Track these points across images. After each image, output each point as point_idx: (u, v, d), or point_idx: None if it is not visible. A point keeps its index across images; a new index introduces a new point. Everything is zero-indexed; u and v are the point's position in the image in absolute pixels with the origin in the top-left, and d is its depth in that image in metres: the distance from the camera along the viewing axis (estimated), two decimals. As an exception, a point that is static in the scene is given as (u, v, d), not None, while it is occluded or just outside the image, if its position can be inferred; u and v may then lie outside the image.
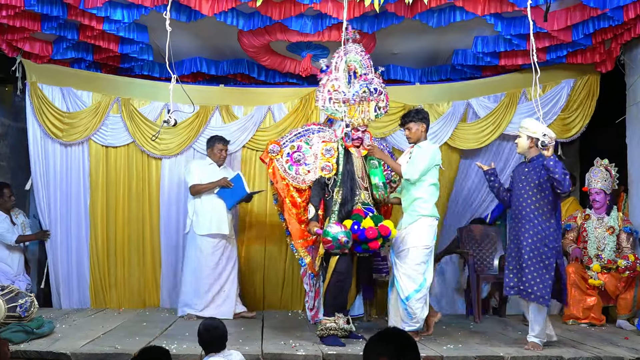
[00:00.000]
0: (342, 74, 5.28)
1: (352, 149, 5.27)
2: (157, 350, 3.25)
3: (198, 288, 6.17)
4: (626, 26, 5.88)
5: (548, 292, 4.74)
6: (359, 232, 4.86)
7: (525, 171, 4.94)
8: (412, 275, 5.08)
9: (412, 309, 5.05)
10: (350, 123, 5.22)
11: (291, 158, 5.39)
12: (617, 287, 5.93)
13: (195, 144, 6.84)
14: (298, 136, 5.48)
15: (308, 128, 5.53)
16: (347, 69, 5.29)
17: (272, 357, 4.49)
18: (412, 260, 5.10)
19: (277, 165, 5.38)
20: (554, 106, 6.77)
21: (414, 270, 5.09)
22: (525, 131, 4.91)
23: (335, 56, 5.35)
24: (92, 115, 6.73)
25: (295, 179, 5.35)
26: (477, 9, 5.67)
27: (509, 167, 6.80)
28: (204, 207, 6.22)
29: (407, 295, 5.05)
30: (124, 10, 5.80)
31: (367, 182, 5.26)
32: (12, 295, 4.84)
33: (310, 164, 5.35)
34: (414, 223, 5.15)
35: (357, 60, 5.32)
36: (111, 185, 6.82)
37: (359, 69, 5.30)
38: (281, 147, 5.42)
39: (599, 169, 6.12)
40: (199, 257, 6.20)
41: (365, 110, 5.23)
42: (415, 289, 5.06)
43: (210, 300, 6.17)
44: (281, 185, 5.36)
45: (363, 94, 5.18)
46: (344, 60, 5.29)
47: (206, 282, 6.16)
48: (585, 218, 6.19)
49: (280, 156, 5.40)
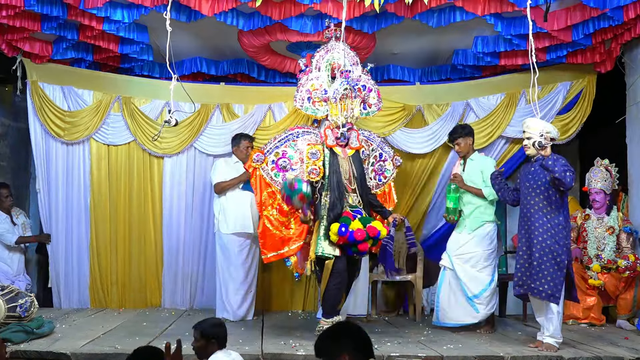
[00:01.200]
0: (323, 72, 5.25)
1: (337, 149, 5.19)
2: (151, 350, 3.23)
3: (227, 289, 6.13)
4: (626, 26, 5.87)
5: (559, 289, 4.73)
6: (348, 235, 4.83)
7: (531, 170, 4.94)
8: (479, 277, 5.59)
9: (481, 305, 5.54)
10: (334, 121, 5.17)
11: (277, 165, 5.33)
12: (617, 287, 5.92)
13: (196, 143, 6.84)
14: (282, 142, 5.39)
15: (292, 132, 5.42)
16: (329, 68, 5.26)
17: (272, 357, 4.50)
18: (479, 263, 5.61)
19: (262, 173, 5.32)
20: (551, 109, 6.77)
21: (480, 272, 5.60)
22: (527, 130, 4.92)
23: (316, 55, 5.33)
24: (93, 114, 6.73)
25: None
26: (477, 9, 5.67)
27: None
28: (229, 206, 6.18)
29: (476, 294, 5.55)
30: (124, 10, 5.80)
31: (354, 184, 5.17)
32: (12, 295, 4.84)
33: (296, 169, 5.30)
34: (478, 228, 5.65)
35: (339, 58, 5.25)
36: (112, 184, 6.82)
37: (341, 67, 5.22)
38: (265, 155, 5.35)
39: (599, 169, 6.12)
40: (227, 256, 6.15)
41: (348, 107, 5.17)
42: (482, 288, 5.57)
43: (240, 302, 6.13)
44: (264, 196, 5.31)
45: (344, 91, 5.12)
46: (325, 59, 5.26)
47: (234, 282, 6.12)
48: (585, 218, 6.19)
49: (265, 164, 5.34)
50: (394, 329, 5.74)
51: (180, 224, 6.84)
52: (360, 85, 5.24)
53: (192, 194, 6.87)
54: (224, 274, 6.17)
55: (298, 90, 5.23)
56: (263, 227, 5.30)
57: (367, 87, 5.25)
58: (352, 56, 5.38)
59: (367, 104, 5.33)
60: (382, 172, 5.63)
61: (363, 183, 5.23)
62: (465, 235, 5.69)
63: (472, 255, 5.62)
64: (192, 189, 6.88)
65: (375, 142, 5.69)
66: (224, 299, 6.15)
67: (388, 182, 5.67)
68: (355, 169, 5.20)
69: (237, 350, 3.89)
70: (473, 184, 5.69)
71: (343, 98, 5.15)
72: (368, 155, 5.51)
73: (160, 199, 6.86)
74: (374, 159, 5.62)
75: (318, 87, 5.18)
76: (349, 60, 5.30)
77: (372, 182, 5.58)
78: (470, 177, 5.72)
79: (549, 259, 4.74)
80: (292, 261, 5.34)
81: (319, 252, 4.98)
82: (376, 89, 5.35)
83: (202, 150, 6.85)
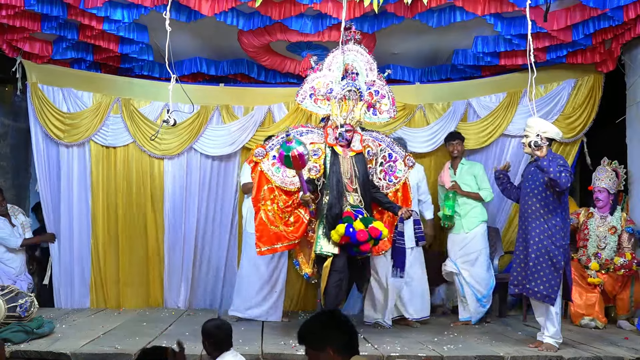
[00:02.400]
0: (334, 72, 5.25)
1: (338, 148, 5.19)
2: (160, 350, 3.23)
3: (248, 288, 6.03)
4: (626, 26, 5.87)
5: (555, 290, 4.73)
6: (351, 236, 4.84)
7: (531, 170, 4.96)
8: (485, 277, 5.96)
9: (487, 303, 5.97)
10: (333, 121, 5.17)
11: (278, 160, 5.28)
12: (614, 287, 5.92)
13: (195, 144, 6.84)
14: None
15: (295, 130, 5.39)
16: (342, 69, 5.26)
17: (272, 357, 4.50)
18: (481, 262, 5.98)
19: (263, 168, 5.30)
20: (555, 106, 6.76)
21: (484, 271, 5.98)
22: (526, 129, 4.93)
23: (330, 55, 5.33)
24: (92, 115, 6.73)
25: (283, 181, 5.28)
26: (477, 9, 5.67)
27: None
28: None
29: (484, 294, 5.94)
30: (124, 10, 5.80)
31: (356, 183, 5.17)
32: (12, 295, 4.84)
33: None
34: (476, 228, 6.01)
35: (355, 61, 5.30)
36: (112, 185, 6.82)
37: (354, 70, 5.25)
38: (267, 151, 5.33)
39: (605, 169, 6.13)
40: (252, 255, 5.89)
41: (349, 109, 5.18)
42: (489, 287, 5.99)
43: (260, 301, 6.02)
44: (264, 190, 5.25)
45: (346, 93, 5.13)
46: (337, 60, 5.26)
47: (258, 281, 6.01)
48: (588, 216, 6.18)
49: (266, 159, 5.32)
50: (394, 329, 5.74)
51: (181, 224, 6.83)
52: (373, 90, 5.23)
53: (192, 194, 6.86)
54: (246, 272, 6.07)
55: (301, 86, 5.24)
56: (260, 221, 5.25)
57: (379, 93, 5.23)
58: (368, 60, 5.38)
59: (378, 110, 5.32)
60: (392, 172, 5.53)
61: (365, 183, 5.21)
62: (464, 234, 5.97)
63: (478, 254, 5.98)
64: (192, 190, 6.87)
65: (385, 142, 5.58)
66: (242, 296, 6.04)
67: (401, 182, 5.53)
68: (358, 169, 5.18)
69: (237, 350, 3.88)
70: (468, 187, 6.03)
71: (345, 99, 5.15)
72: (374, 154, 5.46)
73: (160, 200, 6.86)
74: (383, 159, 5.53)
75: (324, 85, 5.18)
76: (364, 64, 5.32)
77: (383, 183, 5.49)
78: (464, 181, 6.06)
79: (545, 259, 4.75)
80: (299, 262, 5.34)
81: (317, 250, 5.01)
82: (391, 96, 5.33)
83: (201, 151, 6.85)
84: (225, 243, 6.92)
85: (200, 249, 6.90)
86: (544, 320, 4.86)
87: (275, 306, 6.08)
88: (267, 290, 6.06)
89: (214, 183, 6.92)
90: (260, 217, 5.26)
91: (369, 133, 5.52)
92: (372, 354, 4.56)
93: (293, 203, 5.26)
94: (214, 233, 6.92)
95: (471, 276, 5.98)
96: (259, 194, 5.29)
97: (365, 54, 5.40)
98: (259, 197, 5.29)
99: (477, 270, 5.99)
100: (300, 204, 5.25)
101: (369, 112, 5.38)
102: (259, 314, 6.02)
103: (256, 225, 5.29)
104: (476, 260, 6.00)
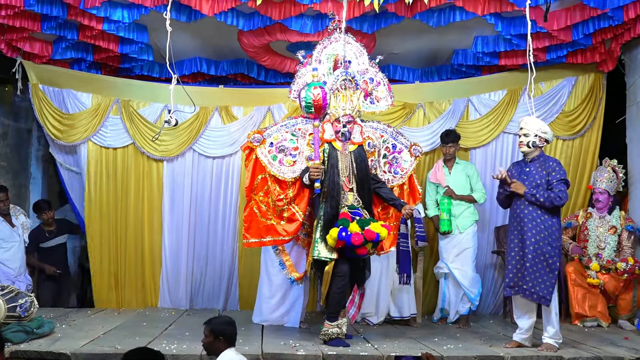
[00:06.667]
0: (324, 64, 5.13)
1: (336, 143, 4.95)
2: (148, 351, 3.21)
3: (262, 292, 5.85)
4: (626, 26, 5.87)
5: (550, 292, 4.73)
6: (345, 240, 4.62)
7: (525, 171, 4.91)
8: (474, 277, 6.00)
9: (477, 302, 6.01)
10: (332, 114, 4.96)
11: (275, 148, 5.14)
12: (616, 287, 5.92)
13: (195, 145, 6.82)
14: (284, 127, 5.19)
15: (295, 121, 5.24)
16: (331, 60, 5.14)
17: (272, 357, 4.49)
18: (471, 259, 5.99)
19: (259, 155, 5.10)
20: (556, 104, 6.75)
21: (472, 269, 6.00)
22: (524, 127, 4.90)
23: (318, 47, 5.25)
24: (91, 116, 6.72)
25: (280, 170, 5.11)
26: (477, 9, 5.68)
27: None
28: None
29: (476, 294, 5.96)
30: (123, 10, 5.81)
31: (353, 182, 4.94)
32: (12, 295, 4.83)
33: (295, 156, 5.13)
34: (470, 227, 6.05)
35: (341, 49, 5.11)
36: (110, 186, 6.80)
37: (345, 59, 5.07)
38: (264, 137, 5.15)
39: (606, 169, 6.12)
40: (267, 258, 5.81)
41: (348, 99, 4.93)
42: (479, 287, 6.02)
43: (274, 307, 5.79)
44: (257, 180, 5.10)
45: (342, 82, 4.92)
46: (325, 52, 5.16)
47: (271, 286, 5.79)
48: (587, 217, 6.18)
49: (262, 146, 5.13)
50: (394, 329, 5.74)
51: (181, 225, 6.82)
52: (367, 78, 5.08)
53: (191, 195, 6.85)
54: (263, 277, 5.91)
55: (294, 82, 5.16)
56: (250, 211, 5.15)
57: (374, 80, 5.09)
58: (357, 47, 5.24)
59: (375, 98, 5.18)
60: (397, 164, 5.32)
61: (364, 181, 4.97)
62: (458, 234, 6.04)
63: (468, 252, 6.00)
64: (192, 191, 6.85)
65: (388, 133, 5.37)
66: (259, 302, 5.89)
67: (407, 174, 5.33)
68: (356, 166, 4.95)
69: (237, 350, 3.87)
70: (462, 187, 6.06)
71: (342, 88, 4.94)
72: (376, 146, 5.22)
73: (159, 201, 6.84)
74: (386, 151, 5.31)
75: (317, 79, 5.00)
76: (352, 52, 5.14)
77: (388, 176, 5.28)
78: (458, 181, 6.08)
79: (541, 260, 4.74)
80: (287, 266, 5.29)
81: (315, 256, 4.82)
82: (386, 83, 5.17)
83: (201, 152, 6.83)
84: (225, 243, 6.90)
85: (199, 249, 6.89)
86: (527, 321, 4.85)
87: (292, 311, 5.77)
88: (281, 295, 5.79)
89: (213, 184, 6.91)
90: (250, 208, 5.16)
91: (369, 124, 5.31)
92: (372, 354, 4.56)
93: (286, 197, 5.11)
94: (214, 234, 6.91)
95: (463, 276, 5.95)
96: (253, 184, 5.15)
97: (352, 41, 5.24)
98: (252, 187, 5.15)
99: (467, 270, 5.98)
100: (293, 199, 5.10)
101: (366, 101, 5.22)
102: (275, 318, 5.78)
103: (245, 216, 5.17)
104: (467, 260, 5.99)
